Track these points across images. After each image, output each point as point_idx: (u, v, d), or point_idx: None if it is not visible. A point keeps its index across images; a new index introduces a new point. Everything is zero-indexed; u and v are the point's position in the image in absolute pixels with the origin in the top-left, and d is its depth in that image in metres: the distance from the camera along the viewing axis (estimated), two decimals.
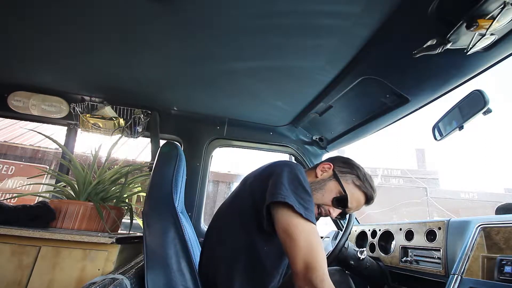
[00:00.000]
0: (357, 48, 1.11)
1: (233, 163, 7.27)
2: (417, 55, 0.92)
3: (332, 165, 1.05)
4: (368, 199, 1.04)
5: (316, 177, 1.04)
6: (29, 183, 1.89)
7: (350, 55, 1.15)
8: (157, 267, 0.87)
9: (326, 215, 1.02)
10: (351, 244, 1.32)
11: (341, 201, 1.00)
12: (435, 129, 1.21)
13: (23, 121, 1.92)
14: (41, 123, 1.93)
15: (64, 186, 1.55)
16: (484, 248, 0.87)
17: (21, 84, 1.73)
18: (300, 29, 1.03)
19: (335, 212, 1.01)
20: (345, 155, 1.17)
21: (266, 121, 1.92)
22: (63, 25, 1.15)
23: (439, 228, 1.09)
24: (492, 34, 0.80)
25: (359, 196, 1.03)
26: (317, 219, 0.98)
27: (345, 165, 1.06)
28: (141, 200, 1.65)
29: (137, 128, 1.83)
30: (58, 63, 1.47)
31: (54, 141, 1.61)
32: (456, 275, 0.85)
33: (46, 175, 3.12)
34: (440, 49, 0.87)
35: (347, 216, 1.12)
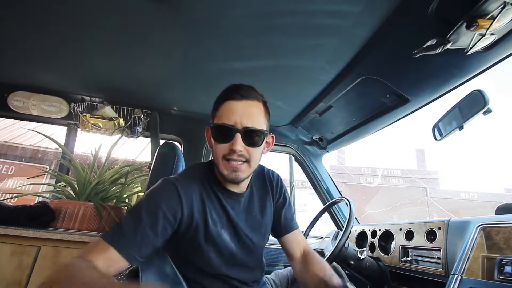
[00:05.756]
0: (357, 48, 1.11)
1: None
2: (417, 55, 0.92)
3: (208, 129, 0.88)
4: (228, 97, 0.84)
5: (210, 147, 0.89)
6: (29, 183, 1.89)
7: (350, 55, 1.15)
8: (152, 268, 0.86)
9: (240, 158, 0.82)
10: (351, 244, 1.32)
11: (219, 136, 0.82)
12: (435, 129, 1.21)
13: (23, 121, 1.92)
14: (41, 123, 1.93)
15: (64, 186, 1.55)
16: (484, 248, 0.87)
17: (21, 84, 1.73)
18: (300, 29, 1.03)
19: (235, 144, 0.80)
20: (345, 156, 1.15)
21: None
22: (63, 25, 1.15)
23: (439, 228, 1.09)
24: (492, 34, 0.81)
25: (223, 107, 0.84)
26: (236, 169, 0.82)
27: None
28: None
29: (137, 128, 1.83)
30: (58, 63, 1.47)
31: (54, 141, 1.61)
32: (456, 275, 0.85)
33: (46, 175, 3.12)
34: (440, 49, 0.87)
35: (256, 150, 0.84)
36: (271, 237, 1.03)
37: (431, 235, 1.13)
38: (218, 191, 0.88)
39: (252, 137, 0.82)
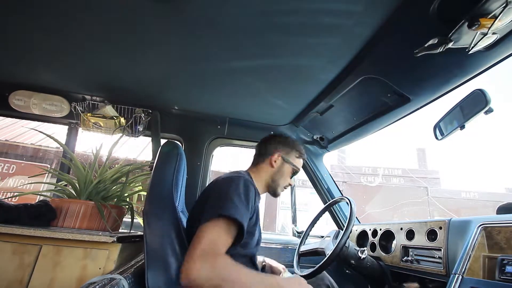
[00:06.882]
0: (359, 47, 1.10)
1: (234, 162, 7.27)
2: (419, 54, 0.92)
3: (279, 153, 1.25)
4: (303, 159, 1.33)
5: (272, 167, 1.23)
6: (30, 182, 1.89)
7: (351, 54, 1.15)
8: (158, 265, 0.87)
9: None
10: (351, 244, 1.32)
11: (294, 173, 1.29)
12: (436, 128, 1.21)
13: (24, 120, 1.92)
14: (42, 122, 1.93)
15: (65, 185, 1.56)
16: (485, 247, 0.87)
17: (22, 83, 1.73)
18: (301, 27, 1.03)
19: (291, 180, 1.29)
20: (346, 155, 1.21)
21: (267, 120, 1.92)
22: (64, 24, 1.15)
23: (440, 228, 1.09)
24: (494, 33, 0.80)
25: (301, 161, 1.32)
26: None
27: (286, 146, 1.28)
28: (142, 199, 1.65)
29: (138, 127, 1.83)
30: (59, 62, 1.47)
31: (55, 140, 1.61)
32: (457, 275, 0.85)
33: (47, 174, 3.13)
34: (442, 48, 0.87)
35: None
36: (272, 237, 1.10)
37: (432, 234, 1.13)
38: (256, 190, 1.08)
39: None
